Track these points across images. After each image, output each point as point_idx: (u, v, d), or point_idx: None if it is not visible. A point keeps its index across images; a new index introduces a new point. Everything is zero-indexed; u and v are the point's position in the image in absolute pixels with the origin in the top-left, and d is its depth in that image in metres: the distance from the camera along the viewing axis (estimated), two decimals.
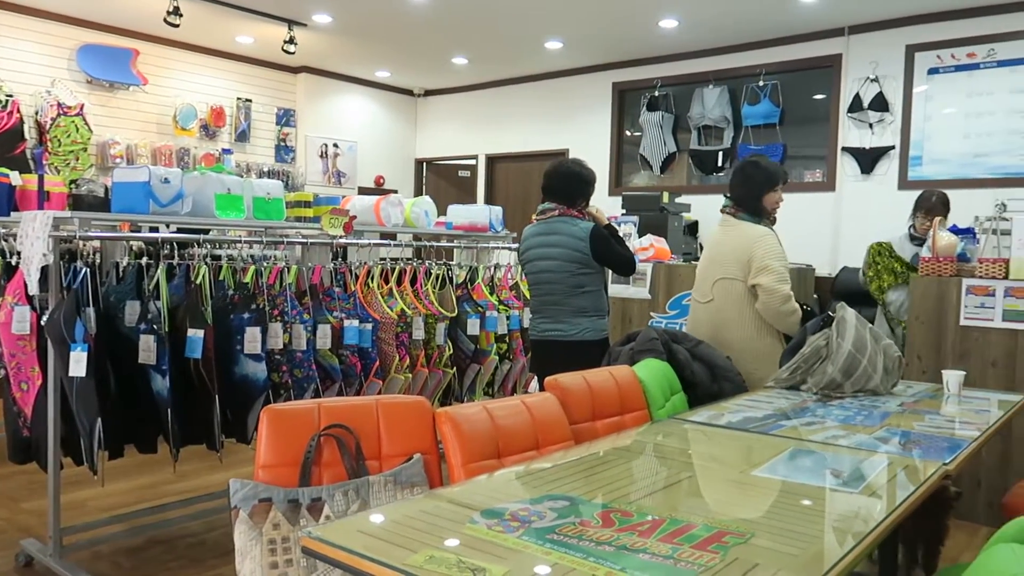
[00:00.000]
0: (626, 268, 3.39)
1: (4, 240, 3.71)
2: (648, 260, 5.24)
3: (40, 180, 3.72)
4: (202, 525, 3.41)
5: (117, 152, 6.67)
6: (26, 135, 6.20)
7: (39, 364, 2.85)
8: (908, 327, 3.92)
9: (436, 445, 1.89)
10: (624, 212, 6.17)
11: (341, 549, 1.23)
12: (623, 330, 4.89)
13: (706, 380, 2.88)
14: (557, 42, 6.80)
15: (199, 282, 2.93)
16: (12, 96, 6.13)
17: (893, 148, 5.86)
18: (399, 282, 3.67)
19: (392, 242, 3.82)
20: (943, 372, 2.91)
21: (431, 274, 3.83)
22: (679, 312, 5.01)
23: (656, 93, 7.12)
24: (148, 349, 2.76)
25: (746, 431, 2.18)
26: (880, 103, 5.88)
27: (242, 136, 7.62)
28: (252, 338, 2.93)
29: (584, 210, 3.40)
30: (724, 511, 1.53)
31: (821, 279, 5.78)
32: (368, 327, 3.34)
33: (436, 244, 4.07)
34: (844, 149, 6.08)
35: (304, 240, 3.35)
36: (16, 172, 3.75)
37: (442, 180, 9.16)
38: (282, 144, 7.99)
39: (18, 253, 2.95)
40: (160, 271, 2.88)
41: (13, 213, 3.49)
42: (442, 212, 4.45)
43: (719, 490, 1.70)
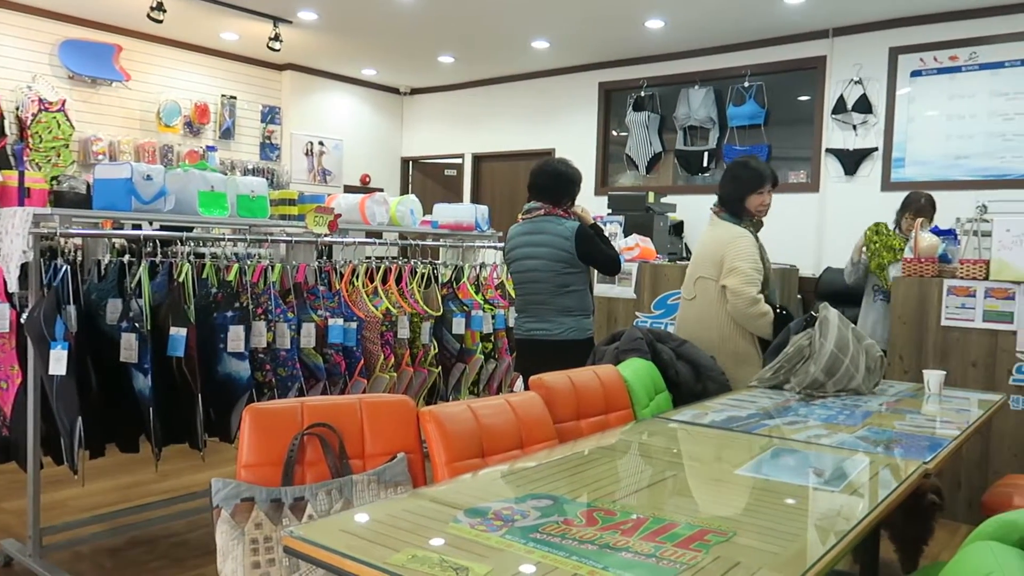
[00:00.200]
0: (611, 268, 3.40)
1: None
2: (633, 260, 5.25)
3: (20, 176, 3.67)
4: (184, 525, 3.39)
5: (99, 149, 6.60)
6: (6, 131, 6.13)
7: (19, 362, 2.82)
8: (892, 326, 3.95)
9: (420, 444, 1.89)
10: (610, 212, 6.19)
11: (323, 548, 1.23)
12: (608, 329, 4.91)
13: (690, 379, 2.89)
14: (543, 42, 6.80)
15: (182, 280, 2.91)
16: None
17: (876, 150, 5.91)
18: (384, 281, 3.66)
19: (378, 240, 3.81)
20: (924, 372, 2.94)
21: (416, 273, 3.82)
22: (664, 312, 5.03)
23: (642, 93, 7.13)
24: (130, 347, 2.74)
25: (729, 430, 2.20)
26: (864, 105, 5.93)
27: (227, 133, 7.57)
28: (235, 336, 2.92)
29: (570, 210, 3.41)
30: (707, 510, 1.54)
31: (805, 279, 5.82)
32: (353, 326, 3.32)
33: (422, 243, 4.07)
34: (828, 150, 6.12)
35: (288, 238, 3.34)
36: None
37: (428, 179, 9.14)
38: (267, 142, 7.94)
39: None
40: (142, 269, 2.86)
41: None
42: (428, 211, 4.44)
43: (702, 489, 1.71)
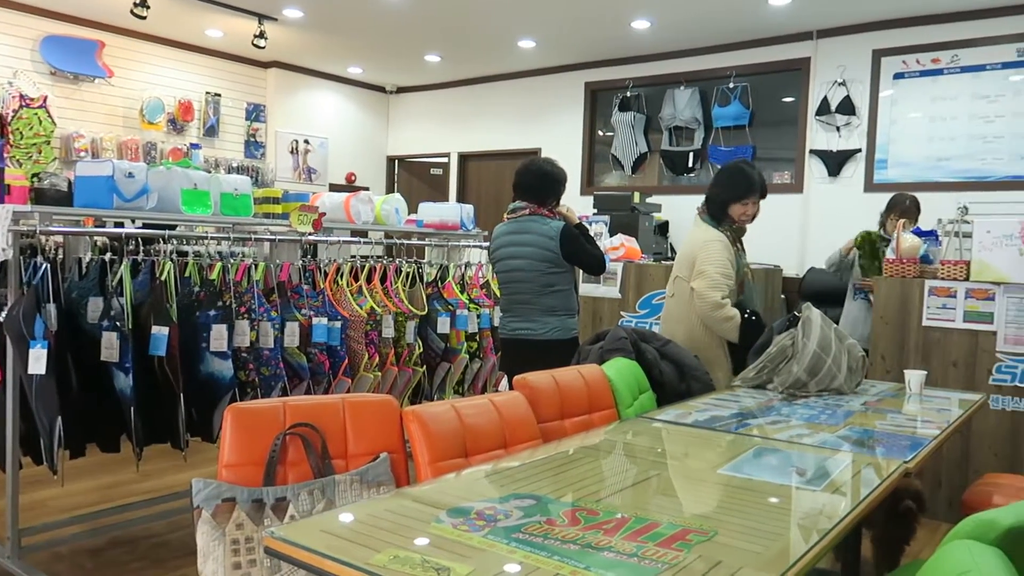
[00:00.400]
0: (596, 267, 3.41)
1: None
2: (619, 260, 5.26)
3: (0, 173, 3.63)
4: (165, 525, 3.37)
5: (81, 146, 6.54)
6: None
7: None
8: (875, 326, 3.99)
9: (403, 444, 1.88)
10: (596, 212, 6.20)
11: (304, 549, 1.22)
12: (594, 329, 4.91)
13: (674, 379, 2.90)
14: (530, 41, 6.80)
15: (164, 279, 2.89)
16: None
17: (859, 151, 5.95)
18: (369, 280, 3.65)
19: (362, 239, 3.80)
20: (905, 372, 2.96)
21: (401, 272, 3.81)
22: (649, 312, 5.05)
23: (628, 93, 7.15)
24: (111, 346, 2.71)
25: (712, 430, 2.20)
26: (847, 107, 5.97)
27: (211, 131, 7.52)
28: (218, 336, 2.90)
29: (555, 209, 3.41)
30: (689, 509, 1.55)
31: (788, 279, 5.85)
32: (337, 325, 3.31)
33: (407, 242, 4.05)
34: (812, 151, 6.16)
35: (272, 237, 3.32)
36: None
37: (414, 178, 9.12)
38: (252, 140, 7.89)
39: None
40: (124, 267, 2.83)
41: None
42: (413, 210, 4.43)
43: (684, 488, 1.72)
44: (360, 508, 1.47)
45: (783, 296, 5.75)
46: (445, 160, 8.69)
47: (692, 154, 6.87)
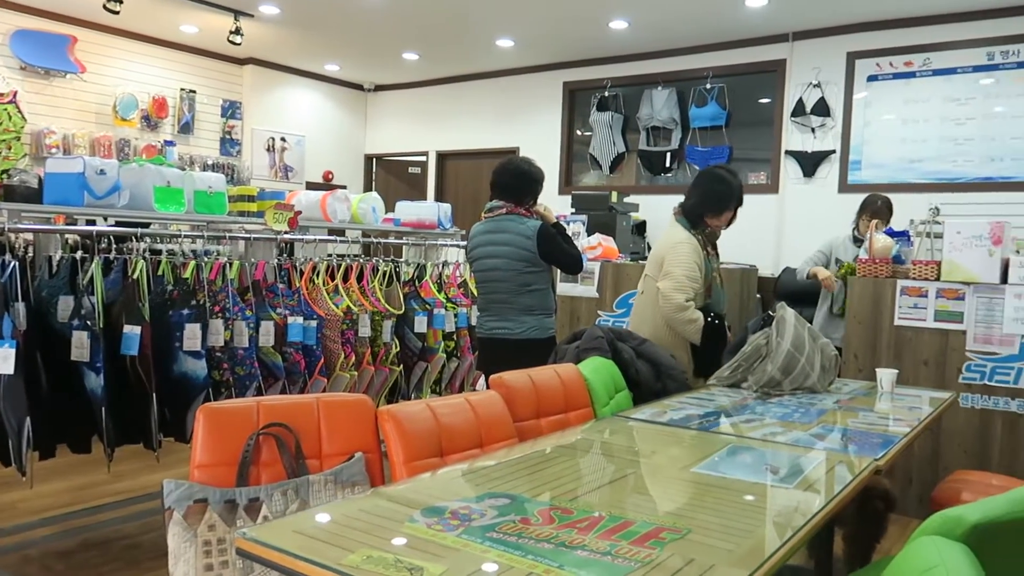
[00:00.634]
0: (573, 266, 3.42)
1: None
2: (596, 259, 5.28)
3: None
4: (138, 527, 3.32)
5: (53, 142, 6.43)
6: None
7: None
8: (848, 326, 4.03)
9: (378, 444, 1.87)
10: (573, 211, 6.21)
11: (276, 550, 1.21)
12: (571, 328, 4.92)
13: (650, 378, 2.91)
14: (508, 40, 6.80)
15: (136, 277, 2.85)
16: None
17: (834, 152, 6.02)
18: (345, 279, 3.63)
19: (339, 238, 3.78)
20: (877, 370, 3.00)
21: (378, 271, 3.79)
22: (626, 311, 5.06)
23: (606, 93, 7.17)
24: (81, 346, 2.68)
25: (687, 428, 2.22)
26: (822, 108, 6.03)
27: (186, 128, 7.43)
28: (191, 335, 2.87)
29: (532, 208, 3.41)
30: (663, 507, 1.55)
31: (764, 279, 5.90)
32: (313, 324, 3.29)
33: (384, 241, 4.04)
34: (787, 152, 6.21)
35: (247, 235, 3.29)
36: None
37: (392, 176, 9.08)
38: (227, 137, 7.81)
39: None
40: (95, 265, 2.79)
41: None
42: (391, 208, 4.41)
43: (659, 487, 1.72)
44: (334, 508, 1.46)
45: (758, 296, 5.80)
46: (423, 159, 8.67)
47: (669, 154, 6.90)
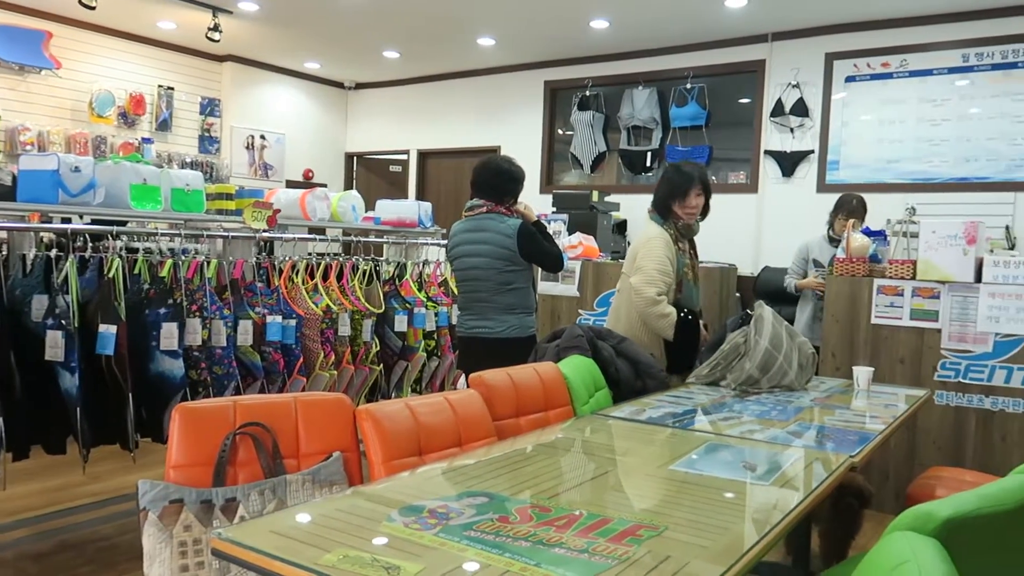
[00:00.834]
0: (554, 265, 3.42)
1: None
2: (577, 258, 5.29)
3: None
4: (114, 528, 3.29)
5: (28, 139, 6.34)
6: None
7: None
8: (825, 324, 4.07)
9: (357, 443, 1.87)
10: (555, 210, 6.22)
11: (252, 550, 1.20)
12: (552, 327, 4.93)
13: (630, 377, 2.92)
14: (489, 39, 6.80)
15: (112, 276, 2.82)
16: None
17: (812, 152, 6.07)
18: (325, 277, 3.61)
19: (318, 237, 3.76)
20: (853, 368, 3.03)
21: (358, 269, 3.78)
22: (607, 309, 5.08)
23: (587, 93, 7.18)
24: (55, 345, 2.64)
25: (666, 426, 2.23)
26: (801, 108, 6.08)
27: (163, 125, 7.36)
28: (168, 334, 2.84)
29: (512, 207, 3.41)
30: (641, 505, 1.56)
31: (743, 278, 5.94)
32: (292, 323, 3.27)
33: (364, 240, 4.02)
34: (766, 152, 6.26)
35: (225, 234, 3.26)
36: None
37: (373, 175, 9.05)
38: (206, 134, 7.75)
39: None
40: (69, 264, 2.76)
41: None
42: (372, 207, 4.39)
43: (637, 484, 1.73)
44: (311, 508, 1.46)
45: (738, 294, 5.84)
46: (404, 157, 8.64)
47: (650, 154, 6.93)
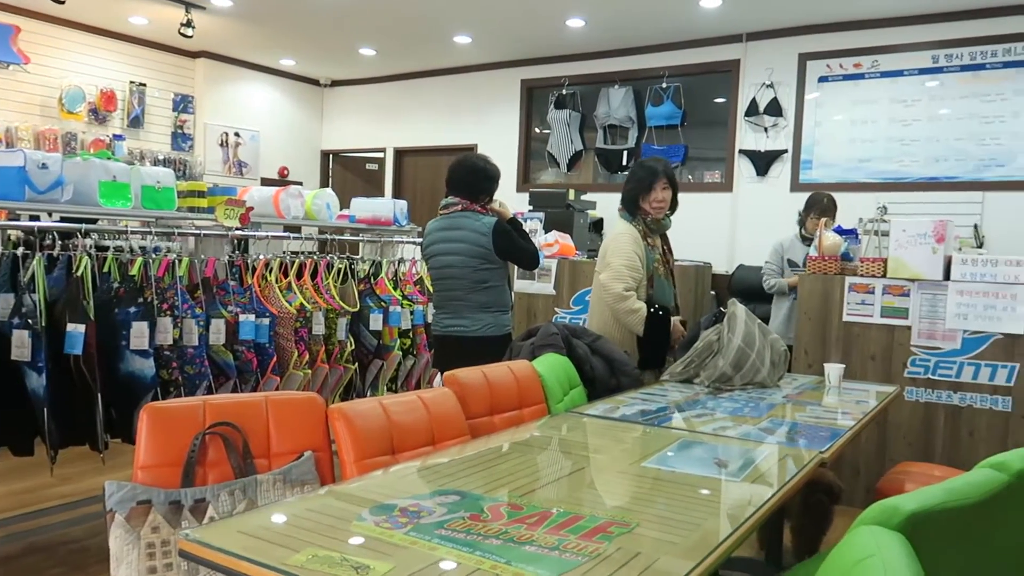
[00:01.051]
0: (530, 262, 3.42)
1: None
2: (553, 256, 5.30)
3: None
4: (84, 530, 3.24)
5: None
6: None
7: None
8: (798, 322, 4.11)
9: (329, 442, 1.85)
10: (531, 208, 6.22)
11: (219, 551, 1.19)
12: (529, 325, 4.93)
13: (605, 374, 2.93)
14: (466, 37, 6.78)
15: (80, 274, 2.77)
16: None
17: (786, 152, 6.13)
18: (299, 276, 3.58)
19: (292, 235, 3.73)
20: (825, 365, 3.06)
21: (333, 268, 3.75)
22: (583, 308, 5.10)
23: (564, 91, 7.20)
24: (22, 345, 2.60)
25: (639, 423, 2.24)
26: (775, 108, 6.14)
27: (135, 122, 7.26)
28: (139, 333, 2.80)
29: (488, 205, 3.40)
30: (612, 502, 1.57)
31: (718, 276, 5.99)
32: (265, 322, 3.24)
33: (339, 238, 3.99)
34: (741, 151, 6.31)
35: (197, 231, 3.23)
36: None
37: (349, 172, 8.99)
38: (179, 132, 7.66)
39: None
40: (36, 262, 2.71)
41: None
42: (349, 205, 4.36)
43: (609, 481, 1.74)
44: (281, 508, 1.45)
45: (713, 292, 5.89)
46: (381, 155, 8.60)
47: (626, 152, 6.95)
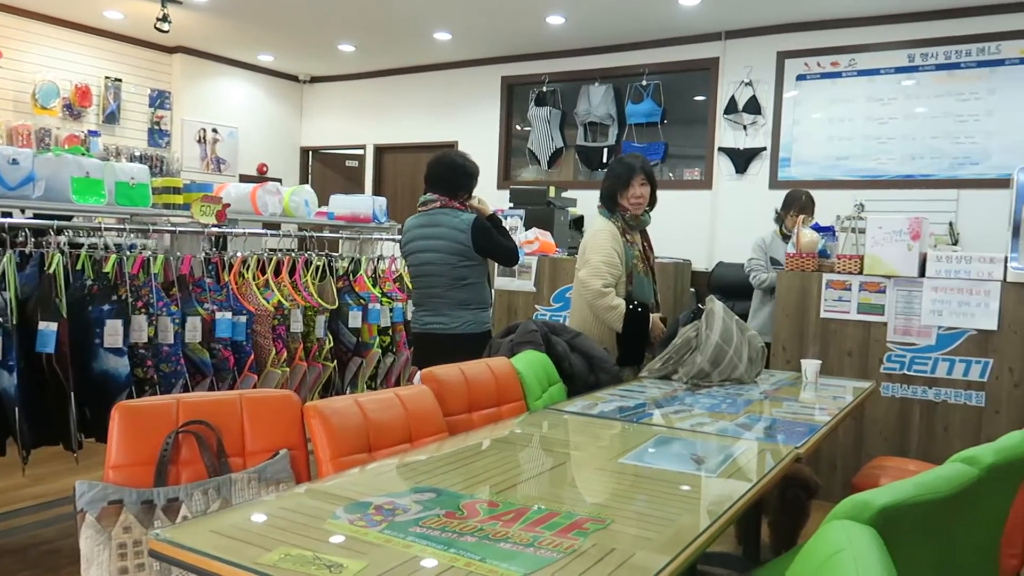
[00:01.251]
0: (509, 259, 3.41)
1: None
2: (533, 253, 5.30)
3: None
4: (57, 531, 3.20)
5: None
6: None
7: None
8: (776, 318, 4.14)
9: (304, 440, 1.84)
10: (511, 205, 6.21)
11: (190, 550, 1.17)
12: (509, 323, 4.92)
13: (584, 371, 2.94)
14: (445, 34, 6.76)
15: (53, 271, 2.73)
16: None
17: (765, 149, 6.16)
18: (277, 273, 3.55)
19: (270, 232, 3.70)
20: (802, 361, 3.09)
21: (311, 265, 3.73)
22: (563, 305, 5.10)
23: (544, 89, 7.19)
24: None
25: (617, 420, 2.24)
26: (753, 106, 6.17)
27: (111, 118, 7.17)
28: (112, 331, 2.77)
29: (466, 202, 3.39)
30: (589, 498, 1.57)
31: (698, 273, 6.01)
32: (242, 319, 3.21)
33: (318, 235, 3.97)
34: (720, 149, 6.34)
35: (173, 228, 3.19)
36: None
37: (329, 170, 8.93)
38: (156, 128, 7.57)
39: None
40: (7, 259, 2.67)
41: None
42: (328, 202, 4.33)
43: (586, 478, 1.74)
44: (254, 506, 1.43)
45: (692, 289, 5.91)
46: (361, 152, 8.55)
47: (606, 150, 6.96)
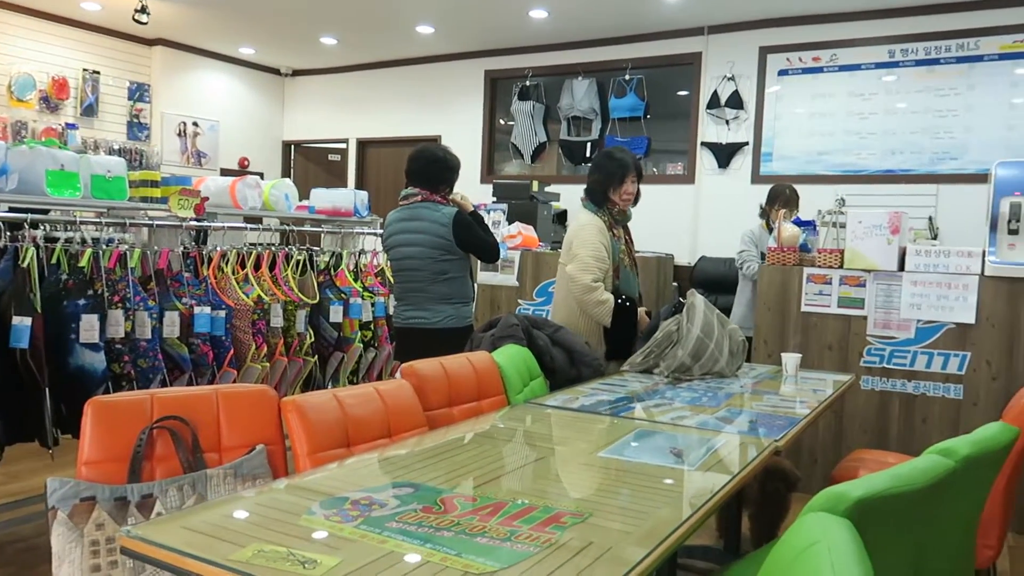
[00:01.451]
0: (489, 254, 3.40)
1: None
2: (516, 248, 5.29)
3: None
4: (33, 529, 3.16)
5: None
6: None
7: None
8: (757, 312, 4.15)
9: (282, 435, 1.82)
10: (495, 199, 6.20)
11: (162, 547, 1.16)
12: (492, 317, 4.91)
13: (565, 365, 2.93)
14: (428, 27, 6.72)
15: (27, 265, 2.69)
16: None
17: (747, 144, 6.18)
18: (257, 267, 3.52)
19: (250, 226, 3.66)
20: (782, 355, 3.10)
21: (291, 259, 3.70)
22: (546, 299, 5.10)
23: (527, 83, 7.18)
24: None
25: (598, 414, 2.24)
26: (736, 101, 6.18)
27: (89, 111, 7.08)
28: (88, 326, 2.73)
29: (448, 196, 3.38)
30: (567, 492, 1.56)
31: (680, 267, 6.03)
32: (221, 314, 3.18)
33: (300, 229, 3.93)
34: (703, 144, 6.35)
35: (151, 222, 3.15)
36: None
37: (311, 163, 8.87)
38: (135, 121, 7.48)
39: None
40: None
41: None
42: (309, 196, 4.30)
43: (565, 472, 1.73)
44: (228, 502, 1.41)
45: (675, 284, 5.93)
46: (343, 146, 8.50)
47: (590, 144, 6.96)
